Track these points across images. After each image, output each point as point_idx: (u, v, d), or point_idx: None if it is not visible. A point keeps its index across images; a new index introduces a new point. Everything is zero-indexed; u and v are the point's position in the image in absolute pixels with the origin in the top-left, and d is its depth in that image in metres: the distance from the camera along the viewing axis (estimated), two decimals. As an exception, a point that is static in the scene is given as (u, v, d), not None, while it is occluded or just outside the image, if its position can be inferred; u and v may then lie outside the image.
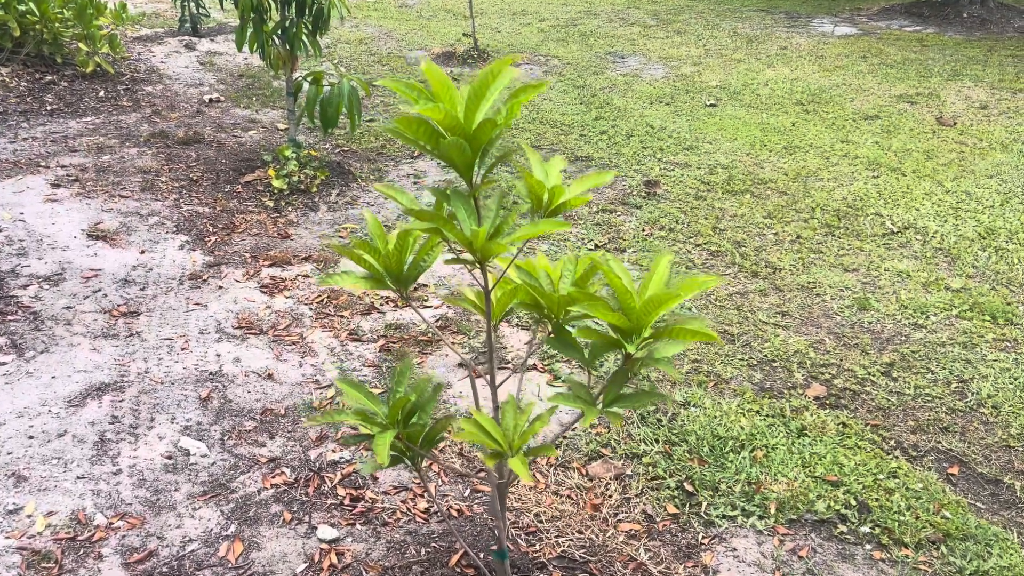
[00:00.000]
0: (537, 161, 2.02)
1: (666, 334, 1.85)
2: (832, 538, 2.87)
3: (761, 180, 6.36)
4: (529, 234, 1.82)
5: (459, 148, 1.78)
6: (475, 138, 1.81)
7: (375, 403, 2.10)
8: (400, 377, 2.12)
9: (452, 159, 1.83)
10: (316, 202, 5.62)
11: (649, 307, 1.81)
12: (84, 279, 4.38)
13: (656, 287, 1.91)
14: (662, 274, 1.94)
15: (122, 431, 3.20)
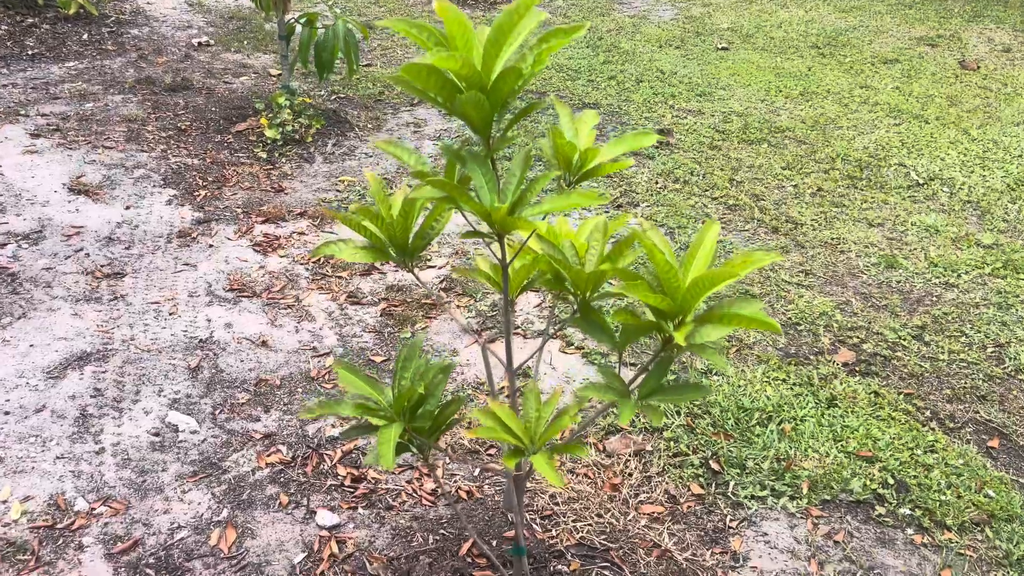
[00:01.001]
0: (567, 116, 1.76)
1: (714, 318, 1.60)
2: (869, 521, 2.68)
3: (778, 128, 6.06)
4: (558, 207, 1.56)
5: (476, 103, 1.52)
6: (495, 90, 1.54)
7: (376, 391, 1.87)
8: (406, 363, 1.88)
9: (467, 115, 1.57)
10: (311, 153, 5.33)
11: (697, 288, 1.57)
12: (65, 237, 4.12)
13: (703, 263, 1.67)
14: (709, 247, 1.69)
15: (105, 405, 2.98)
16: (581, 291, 1.82)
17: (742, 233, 4.56)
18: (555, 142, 1.66)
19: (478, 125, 1.59)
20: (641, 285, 1.57)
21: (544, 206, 1.59)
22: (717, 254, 4.23)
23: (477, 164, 1.63)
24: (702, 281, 1.55)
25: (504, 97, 1.56)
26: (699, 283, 1.56)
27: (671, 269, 1.58)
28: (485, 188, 1.62)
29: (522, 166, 1.65)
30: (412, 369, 1.88)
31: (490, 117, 1.58)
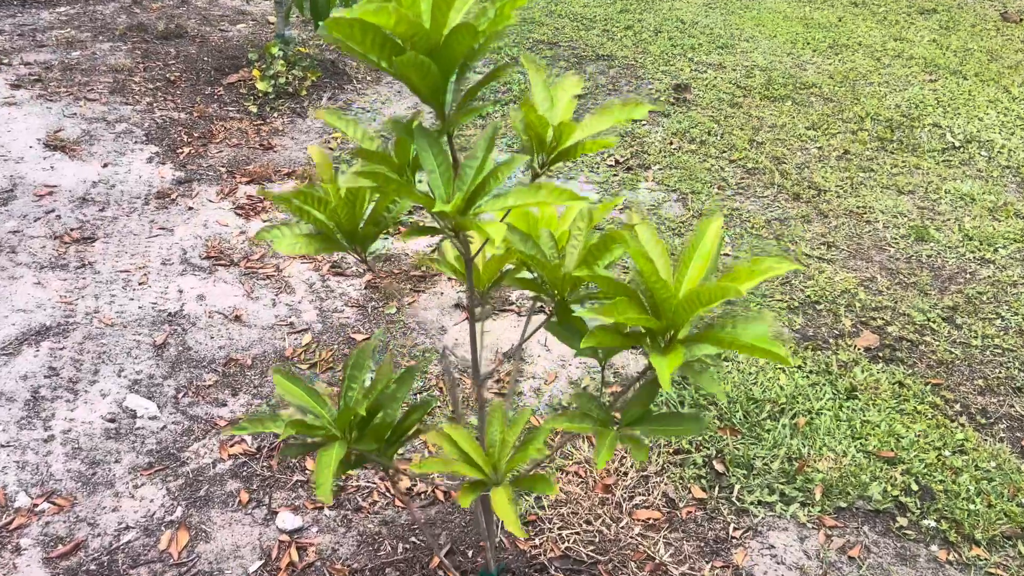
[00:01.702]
0: (540, 84, 1.46)
1: (710, 339, 1.33)
2: (889, 533, 2.42)
3: (804, 84, 5.67)
4: (522, 203, 1.28)
5: (418, 68, 1.23)
6: (446, 51, 1.25)
7: (318, 402, 1.61)
8: (354, 371, 1.62)
9: (411, 82, 1.28)
10: (305, 107, 5.03)
11: (691, 305, 1.29)
12: (37, 197, 3.88)
13: (701, 270, 1.38)
14: (709, 250, 1.40)
15: (59, 387, 2.76)
16: (558, 292, 1.55)
17: (761, 200, 4.24)
18: (525, 115, 1.37)
19: (426, 94, 1.30)
20: (622, 304, 1.29)
21: (507, 200, 1.31)
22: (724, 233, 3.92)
23: (427, 143, 1.34)
24: (698, 297, 1.27)
25: (458, 60, 1.27)
26: (694, 299, 1.28)
27: (661, 283, 1.29)
28: (437, 174, 1.34)
29: (486, 147, 1.36)
30: (362, 380, 1.62)
31: (441, 85, 1.29)
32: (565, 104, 1.48)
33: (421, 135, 1.34)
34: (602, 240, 1.46)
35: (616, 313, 1.29)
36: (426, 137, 1.34)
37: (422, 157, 1.34)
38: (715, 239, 1.42)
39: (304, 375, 2.90)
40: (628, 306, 1.30)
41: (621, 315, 1.29)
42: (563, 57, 5.96)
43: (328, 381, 2.88)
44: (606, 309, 1.27)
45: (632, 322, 1.32)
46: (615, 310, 1.28)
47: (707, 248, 1.41)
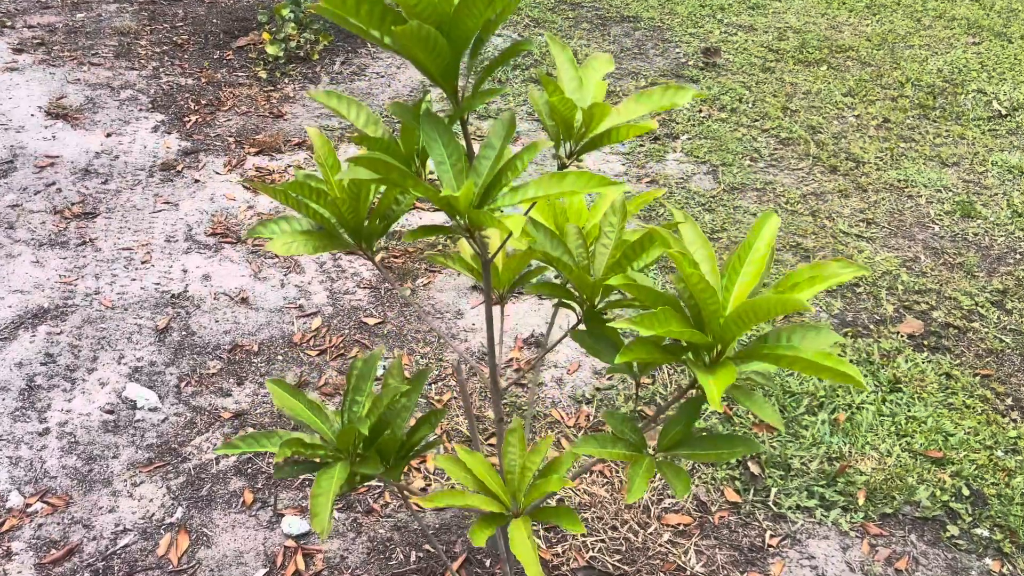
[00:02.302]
0: (567, 63, 1.27)
1: (763, 356, 1.14)
2: (939, 543, 2.24)
3: (840, 47, 5.39)
4: (546, 194, 1.10)
5: (426, 41, 1.04)
6: (458, 23, 1.06)
7: (319, 417, 1.45)
8: (359, 382, 1.45)
9: (417, 59, 1.09)
10: (317, 72, 4.83)
11: (745, 318, 1.10)
12: (38, 169, 3.72)
13: (754, 276, 1.20)
14: (764, 254, 1.21)
15: (56, 375, 2.62)
16: (587, 297, 1.37)
17: (795, 173, 4.01)
18: (550, 99, 1.17)
19: (436, 74, 1.11)
20: (665, 315, 1.11)
21: (528, 191, 1.12)
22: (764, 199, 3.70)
23: (436, 131, 1.16)
24: (753, 311, 1.08)
25: (472, 33, 1.08)
26: (748, 313, 1.09)
27: (709, 293, 1.11)
28: (447, 165, 1.15)
29: (503, 134, 1.17)
30: (368, 391, 1.45)
31: (452, 63, 1.10)
32: (595, 85, 1.28)
33: (429, 122, 1.16)
34: (639, 240, 1.28)
35: (658, 325, 1.10)
36: (434, 124, 1.16)
37: (429, 147, 1.15)
38: (770, 241, 1.23)
39: (313, 362, 2.75)
40: (672, 318, 1.12)
41: (663, 327, 1.11)
42: (586, 19, 5.70)
43: (338, 369, 2.73)
44: (647, 320, 1.09)
45: (676, 336, 1.14)
46: (657, 322, 1.10)
47: (761, 251, 1.23)
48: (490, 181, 1.15)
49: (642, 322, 1.08)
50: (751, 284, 1.21)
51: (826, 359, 1.09)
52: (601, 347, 1.37)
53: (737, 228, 3.55)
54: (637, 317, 1.08)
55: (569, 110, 1.18)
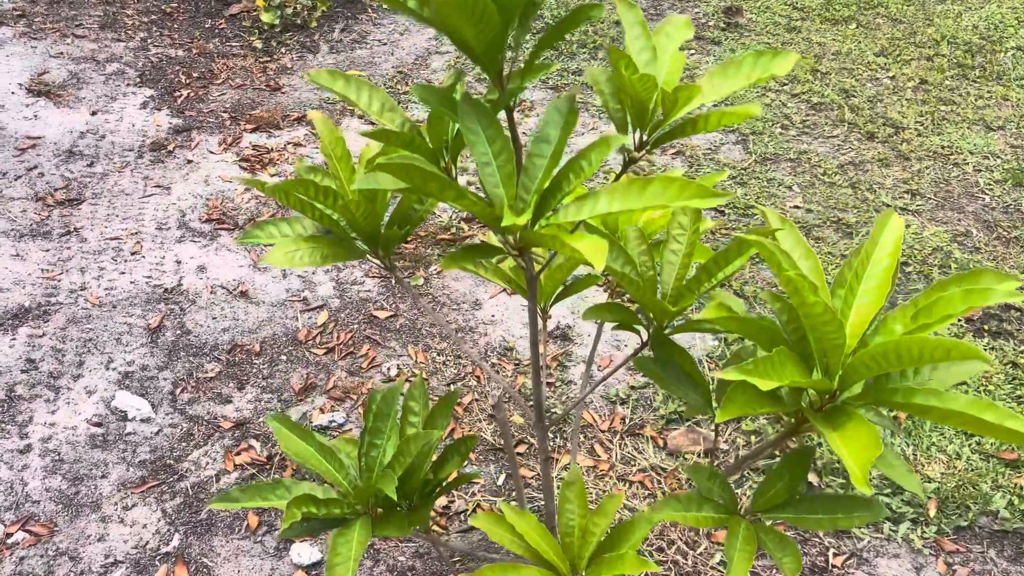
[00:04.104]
0: (638, 27, 1.01)
1: (896, 402, 0.90)
2: (1020, 559, 2.02)
3: (868, 3, 5.08)
4: (622, 208, 0.85)
5: (471, 9, 0.78)
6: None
7: (331, 463, 1.21)
8: (377, 421, 1.21)
9: (458, 33, 0.84)
10: (315, 41, 4.53)
11: (881, 361, 0.86)
12: (18, 151, 3.46)
13: (876, 298, 0.95)
14: (888, 267, 0.96)
15: (38, 383, 2.39)
16: (655, 318, 1.12)
17: (830, 141, 3.74)
18: (619, 76, 0.92)
19: (477, 49, 0.86)
20: (781, 359, 0.86)
21: (598, 203, 0.87)
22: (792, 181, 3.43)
23: (478, 121, 0.90)
24: (896, 355, 0.84)
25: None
26: (888, 357, 0.85)
27: (832, 325, 0.86)
28: (494, 167, 0.90)
29: (561, 122, 0.92)
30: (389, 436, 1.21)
31: (499, 35, 0.84)
32: (671, 57, 1.02)
33: (469, 110, 0.90)
34: (726, 252, 1.03)
35: (776, 374, 0.86)
36: (476, 113, 0.90)
37: (472, 143, 0.90)
38: (894, 251, 0.98)
39: (320, 362, 2.51)
40: (789, 361, 0.87)
41: (782, 375, 0.87)
42: None
43: (348, 369, 2.49)
44: (763, 369, 0.85)
45: (799, 385, 0.89)
46: (774, 370, 0.86)
47: (884, 264, 0.98)
48: (545, 189, 0.90)
49: (757, 371, 0.84)
50: (873, 307, 0.96)
51: (986, 411, 0.85)
52: (671, 377, 1.12)
53: (772, 202, 3.29)
54: (750, 365, 0.84)
55: (646, 90, 0.92)
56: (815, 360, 0.94)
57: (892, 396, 0.91)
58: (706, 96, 0.99)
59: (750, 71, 0.99)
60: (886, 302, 0.96)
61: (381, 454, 1.19)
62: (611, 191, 0.87)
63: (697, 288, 1.07)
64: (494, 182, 0.90)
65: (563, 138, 0.91)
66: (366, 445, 1.21)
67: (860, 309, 0.96)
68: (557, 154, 0.90)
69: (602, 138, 0.90)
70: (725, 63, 1.00)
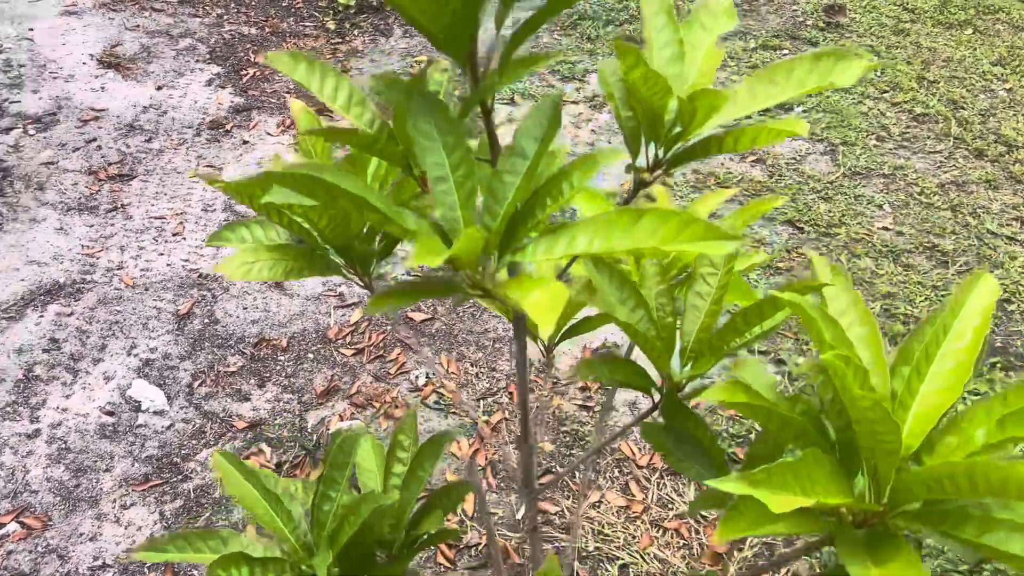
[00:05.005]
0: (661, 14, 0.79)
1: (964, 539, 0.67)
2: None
3: (988, 8, 4.64)
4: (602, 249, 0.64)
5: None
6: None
7: (278, 514, 1.04)
8: (333, 471, 1.03)
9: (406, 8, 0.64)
10: (390, 24, 4.40)
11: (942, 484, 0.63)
12: (81, 123, 3.43)
13: (953, 385, 0.72)
14: (971, 344, 0.73)
15: (58, 364, 2.31)
16: (668, 379, 0.90)
17: (932, 156, 3.39)
18: (625, 76, 0.71)
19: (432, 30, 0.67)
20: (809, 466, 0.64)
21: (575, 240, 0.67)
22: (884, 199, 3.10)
23: (433, 125, 0.71)
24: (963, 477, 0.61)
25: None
26: (951, 479, 0.62)
27: (887, 426, 0.64)
28: (450, 183, 0.71)
29: (539, 132, 0.71)
30: (342, 486, 1.03)
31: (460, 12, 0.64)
32: (705, 55, 0.80)
33: (423, 110, 0.71)
34: (756, 308, 0.81)
35: (799, 486, 0.64)
36: (431, 114, 0.71)
37: (423, 151, 0.70)
38: (982, 324, 0.74)
39: (347, 363, 2.36)
40: (821, 470, 0.65)
41: (812, 491, 0.65)
42: None
43: (375, 374, 2.34)
44: (784, 479, 0.63)
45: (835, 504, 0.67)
46: (797, 481, 0.64)
47: (967, 338, 0.74)
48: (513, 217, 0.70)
49: (772, 483, 0.62)
50: (945, 396, 0.73)
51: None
52: (683, 453, 0.91)
53: (858, 222, 2.99)
54: (762, 474, 0.62)
55: (657, 95, 0.71)
56: (860, 462, 0.72)
57: (959, 527, 0.68)
58: (744, 106, 0.77)
59: (804, 78, 0.76)
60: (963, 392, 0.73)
61: (334, 509, 1.02)
62: (594, 225, 0.66)
63: (720, 348, 0.85)
64: (450, 202, 0.70)
65: (541, 152, 0.70)
66: (319, 496, 1.04)
67: (927, 398, 0.73)
68: (532, 171, 0.70)
69: (587, 156, 0.69)
70: (774, 66, 0.77)
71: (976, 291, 0.75)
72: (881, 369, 0.75)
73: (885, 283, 2.73)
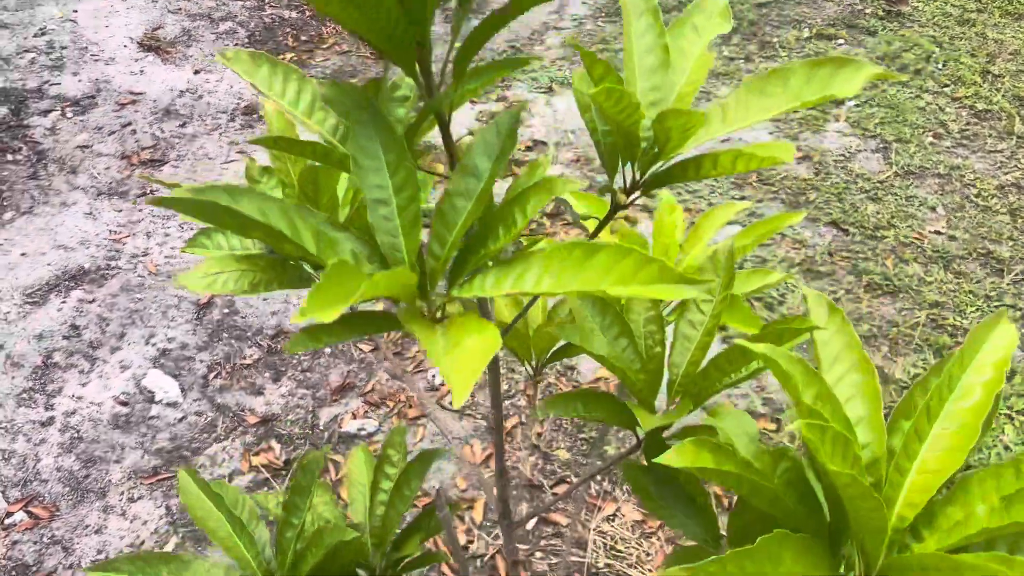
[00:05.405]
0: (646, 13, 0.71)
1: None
2: None
3: (1063, -3, 4.37)
4: (552, 290, 0.56)
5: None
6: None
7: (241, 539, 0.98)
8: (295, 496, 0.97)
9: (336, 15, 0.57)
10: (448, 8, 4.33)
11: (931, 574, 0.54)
12: (118, 106, 3.44)
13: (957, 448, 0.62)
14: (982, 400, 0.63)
15: (76, 352, 2.31)
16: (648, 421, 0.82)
17: (992, 156, 3.20)
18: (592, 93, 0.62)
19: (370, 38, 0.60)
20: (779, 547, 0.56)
21: (524, 277, 0.59)
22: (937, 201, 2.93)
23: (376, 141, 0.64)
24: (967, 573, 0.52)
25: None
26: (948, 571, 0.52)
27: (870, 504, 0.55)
28: (392, 206, 0.64)
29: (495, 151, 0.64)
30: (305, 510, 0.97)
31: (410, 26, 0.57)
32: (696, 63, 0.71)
33: (363, 125, 0.64)
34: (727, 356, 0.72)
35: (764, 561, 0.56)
36: (373, 130, 0.64)
37: (361, 169, 0.63)
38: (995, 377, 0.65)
39: (364, 359, 2.32)
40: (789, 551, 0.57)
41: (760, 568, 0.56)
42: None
43: (391, 371, 2.29)
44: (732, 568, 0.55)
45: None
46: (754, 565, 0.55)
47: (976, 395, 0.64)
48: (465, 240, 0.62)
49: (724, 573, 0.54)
50: (948, 463, 0.63)
51: None
52: (665, 498, 0.82)
53: (908, 225, 2.83)
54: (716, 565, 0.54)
55: (625, 114, 0.62)
56: (849, 535, 0.63)
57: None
58: (734, 120, 0.68)
59: (801, 88, 0.67)
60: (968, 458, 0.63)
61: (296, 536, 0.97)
62: (547, 259, 0.58)
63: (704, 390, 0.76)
64: (390, 228, 0.63)
65: (495, 172, 0.63)
66: (282, 522, 0.98)
67: (928, 463, 0.63)
68: (485, 195, 0.63)
69: (544, 181, 0.61)
70: (766, 75, 0.68)
71: (991, 340, 0.66)
72: (877, 426, 0.66)
73: (934, 291, 2.58)
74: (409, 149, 0.72)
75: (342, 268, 0.49)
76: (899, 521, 0.63)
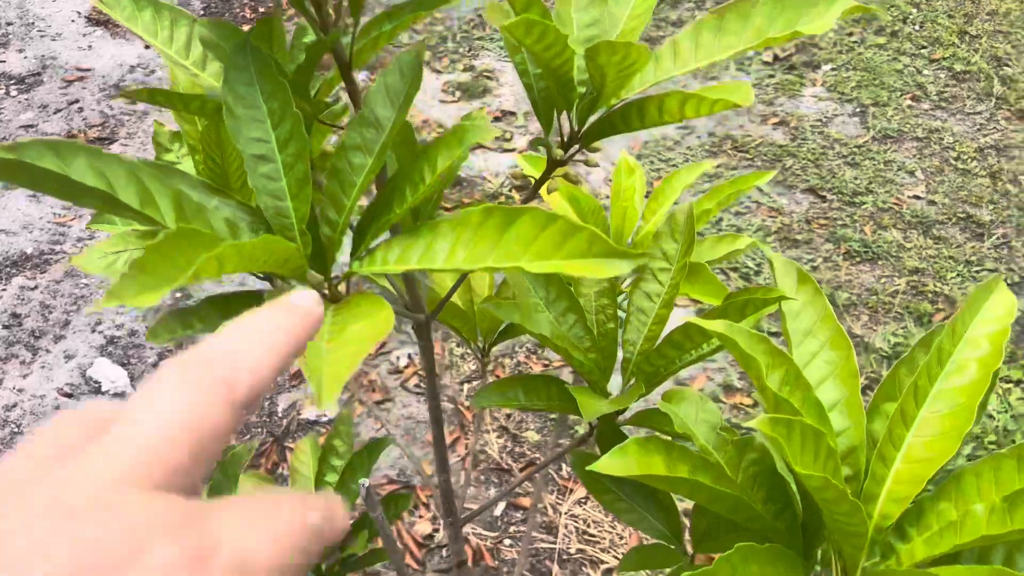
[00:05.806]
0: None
1: None
2: None
3: (1040, -44, 4.29)
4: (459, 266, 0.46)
5: None
6: None
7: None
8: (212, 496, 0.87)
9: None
10: (394, -23, 4.18)
11: None
12: (64, 83, 3.29)
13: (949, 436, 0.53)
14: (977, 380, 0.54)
15: (18, 341, 2.19)
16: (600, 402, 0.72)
17: (971, 118, 3.12)
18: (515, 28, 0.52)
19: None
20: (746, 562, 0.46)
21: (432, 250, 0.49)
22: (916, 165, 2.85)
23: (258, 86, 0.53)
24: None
25: None
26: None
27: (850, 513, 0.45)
28: (276, 162, 0.53)
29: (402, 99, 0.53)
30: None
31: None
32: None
33: (238, 64, 0.53)
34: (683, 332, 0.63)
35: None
36: (249, 70, 0.53)
37: (236, 121, 0.53)
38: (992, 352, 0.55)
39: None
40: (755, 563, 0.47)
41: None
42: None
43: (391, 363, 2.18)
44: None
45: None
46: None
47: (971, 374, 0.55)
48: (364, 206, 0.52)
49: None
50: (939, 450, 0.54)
51: None
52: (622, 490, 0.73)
53: (887, 190, 2.76)
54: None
55: (554, 53, 0.52)
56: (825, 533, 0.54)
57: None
58: (684, 62, 0.58)
59: (765, 25, 0.56)
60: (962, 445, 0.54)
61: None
62: (460, 227, 0.48)
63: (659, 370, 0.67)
64: (274, 189, 0.53)
65: (398, 121, 0.52)
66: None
67: (915, 450, 0.54)
68: (387, 148, 0.52)
69: (456, 128, 0.51)
70: (724, 8, 0.58)
71: (987, 308, 0.56)
72: (855, 410, 0.57)
73: (914, 257, 2.51)
74: (304, 98, 0.61)
75: (181, 235, 0.39)
76: (882, 520, 0.54)
